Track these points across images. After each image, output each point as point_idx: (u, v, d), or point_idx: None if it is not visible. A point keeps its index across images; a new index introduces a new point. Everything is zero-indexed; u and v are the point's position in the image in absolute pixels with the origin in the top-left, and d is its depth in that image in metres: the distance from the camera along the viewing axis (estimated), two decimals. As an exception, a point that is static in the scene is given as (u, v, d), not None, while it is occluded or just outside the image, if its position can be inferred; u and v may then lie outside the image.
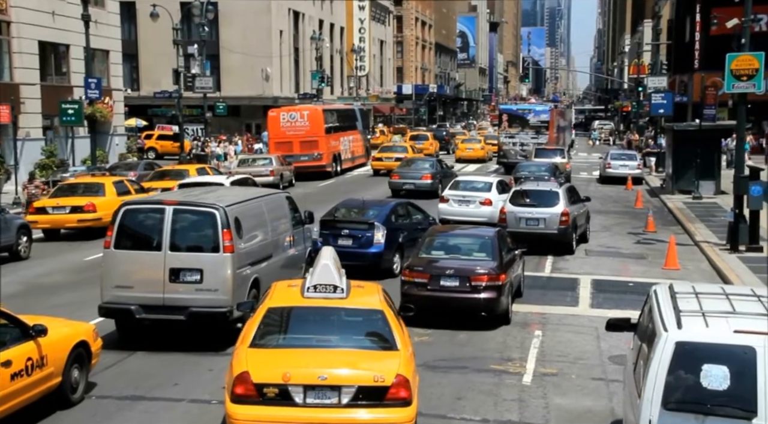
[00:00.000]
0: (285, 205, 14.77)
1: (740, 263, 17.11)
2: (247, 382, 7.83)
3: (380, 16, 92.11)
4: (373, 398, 7.86)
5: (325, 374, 7.89)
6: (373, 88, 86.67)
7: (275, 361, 8.08)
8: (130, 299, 11.78)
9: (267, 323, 8.59)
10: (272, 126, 39.10)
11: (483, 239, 14.26)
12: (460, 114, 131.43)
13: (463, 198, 22.48)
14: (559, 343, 12.56)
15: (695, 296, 7.34)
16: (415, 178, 30.05)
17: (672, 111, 42.04)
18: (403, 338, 8.62)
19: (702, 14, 51.66)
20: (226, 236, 11.73)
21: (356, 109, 48.23)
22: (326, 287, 8.73)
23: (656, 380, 6.40)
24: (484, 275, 13.12)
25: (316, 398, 7.85)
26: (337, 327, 8.69)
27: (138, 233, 12.14)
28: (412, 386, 8.07)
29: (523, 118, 43.29)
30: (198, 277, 11.66)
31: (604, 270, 17.76)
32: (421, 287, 13.26)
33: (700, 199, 27.59)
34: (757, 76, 18.38)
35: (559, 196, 19.66)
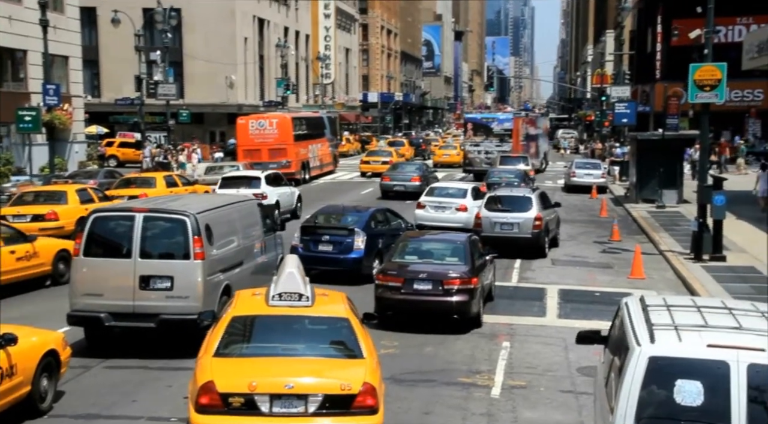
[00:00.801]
0: (256, 212, 14.82)
1: (704, 273, 17.18)
2: (212, 392, 7.74)
3: (346, 24, 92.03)
4: (340, 407, 7.84)
5: (292, 382, 7.84)
6: (338, 96, 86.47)
7: (240, 370, 8.00)
8: (99, 306, 11.72)
9: (231, 332, 8.51)
10: (241, 133, 39.15)
11: (455, 244, 14.54)
12: (425, 122, 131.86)
13: (440, 204, 23.05)
14: (528, 354, 12.44)
15: (667, 309, 7.23)
16: (405, 180, 32.15)
17: (635, 120, 42.52)
18: (369, 346, 8.63)
19: (663, 25, 52.51)
20: (197, 242, 11.75)
21: (324, 117, 48.51)
22: (291, 295, 8.69)
23: (629, 395, 6.25)
24: (457, 278, 13.36)
25: (282, 407, 7.79)
26: (302, 336, 8.65)
27: (108, 240, 12.11)
28: (379, 394, 8.07)
29: (488, 127, 44.04)
30: (168, 284, 11.65)
31: (570, 279, 17.72)
32: (394, 291, 13.47)
33: (664, 208, 27.79)
34: (720, 86, 18.53)
35: (532, 202, 20.25)
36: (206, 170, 34.37)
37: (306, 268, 16.43)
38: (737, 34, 47.15)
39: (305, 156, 40.33)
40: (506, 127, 43.20)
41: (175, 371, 11.26)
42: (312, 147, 41.88)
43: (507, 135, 42.72)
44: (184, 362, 11.06)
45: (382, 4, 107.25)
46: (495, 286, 15.89)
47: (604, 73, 64.69)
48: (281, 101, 62.36)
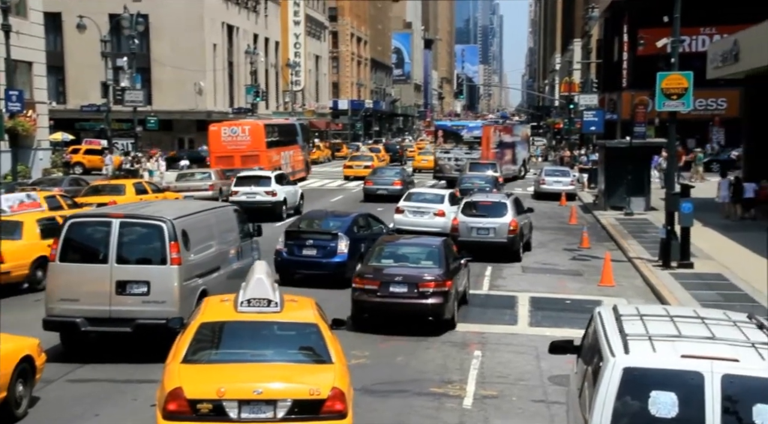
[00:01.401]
0: (233, 217, 14.93)
1: (673, 280, 17.29)
2: (180, 398, 7.69)
3: (315, 31, 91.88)
4: (309, 412, 7.84)
5: (260, 388, 7.84)
6: (308, 103, 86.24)
7: (209, 376, 7.97)
8: (75, 311, 11.73)
9: (200, 339, 8.49)
10: (213, 140, 39.29)
11: (430, 247, 14.83)
12: (396, 129, 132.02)
13: (418, 209, 23.55)
14: (499, 363, 12.38)
15: (640, 318, 7.20)
16: (388, 183, 33.69)
17: (603, 128, 42.92)
18: (338, 351, 8.65)
19: (629, 35, 53.17)
20: (174, 248, 11.81)
21: (297, 124, 48.75)
22: (260, 301, 8.68)
23: (604, 406, 6.19)
24: (431, 281, 13.66)
25: (251, 413, 7.77)
26: (271, 341, 8.63)
27: (84, 245, 12.13)
28: (348, 399, 8.10)
29: (457, 135, 44.32)
30: (145, 289, 11.71)
31: (541, 287, 17.73)
32: (371, 294, 13.74)
33: (632, 215, 28.01)
34: (686, 94, 18.72)
35: (507, 207, 20.77)
36: (177, 177, 34.29)
37: (290, 272, 16.87)
38: (701, 44, 47.90)
39: (278, 163, 40.43)
40: (475, 135, 43.57)
41: (139, 383, 11.04)
42: (284, 154, 42.14)
43: (476, 142, 43.08)
44: (150, 374, 10.86)
45: (351, 11, 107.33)
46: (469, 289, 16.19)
47: (572, 82, 65.34)
48: (251, 108, 62.02)
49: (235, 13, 65.28)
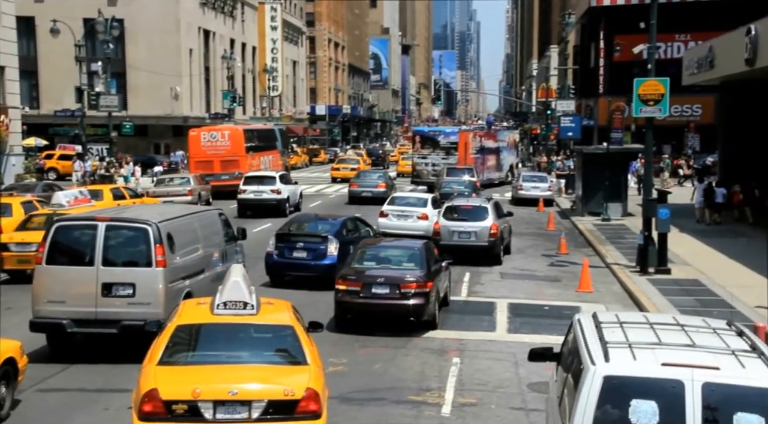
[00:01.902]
0: (218, 221, 15.21)
1: (650, 286, 17.32)
2: (155, 399, 7.78)
3: (293, 36, 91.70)
4: (284, 412, 7.94)
5: (235, 389, 7.94)
6: (286, 109, 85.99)
7: (184, 378, 8.06)
8: (62, 313, 11.92)
9: (176, 341, 8.60)
10: (193, 145, 39.60)
11: (411, 250, 15.10)
12: (373, 135, 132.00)
13: (402, 213, 23.95)
14: (478, 370, 12.29)
15: (620, 326, 7.13)
16: (372, 186, 35.01)
17: (580, 134, 43.12)
18: (313, 353, 8.76)
19: (605, 41, 53.53)
20: (159, 250, 12.02)
21: (276, 129, 49.37)
22: (236, 303, 8.80)
23: (584, 415, 6.12)
24: (413, 282, 13.93)
25: (226, 414, 7.87)
26: (247, 343, 8.74)
27: (70, 248, 12.31)
28: (322, 400, 8.22)
29: (435, 140, 44.87)
30: (131, 291, 11.92)
31: (519, 293, 17.69)
32: (354, 295, 14.02)
33: (609, 221, 28.07)
34: (663, 100, 18.80)
35: (488, 211, 21.10)
36: (156, 183, 34.54)
37: (280, 274, 17.54)
38: (676, 51, 48.33)
39: (257, 168, 40.74)
40: (452, 141, 44.03)
41: (111, 393, 10.85)
42: (264, 159, 42.51)
43: (453, 148, 43.47)
44: (123, 384, 10.69)
45: (329, 17, 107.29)
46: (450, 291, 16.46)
47: (549, 88, 65.69)
48: (228, 113, 61.71)
49: (212, 17, 64.97)
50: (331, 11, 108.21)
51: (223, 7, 67.15)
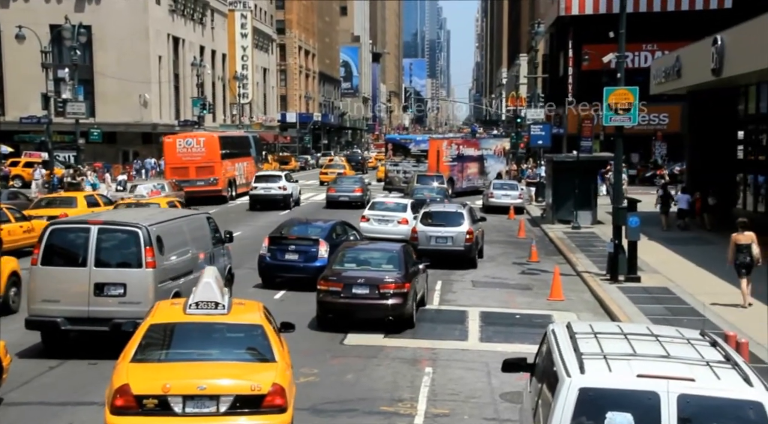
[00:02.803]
0: (206, 224, 15.99)
1: (621, 294, 17.38)
2: (127, 394, 8.10)
3: (263, 43, 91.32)
4: (250, 406, 8.30)
5: (204, 384, 8.26)
6: (256, 116, 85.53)
7: (155, 374, 8.36)
8: (56, 311, 12.52)
9: (148, 339, 8.93)
10: (168, 152, 40.24)
11: (390, 252, 15.75)
12: (344, 142, 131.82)
13: (383, 218, 24.71)
14: (450, 380, 12.21)
15: (594, 337, 7.10)
16: (349, 191, 36.34)
17: (550, 142, 43.40)
18: (281, 351, 9.10)
19: (574, 50, 54.05)
20: (149, 252, 12.62)
21: (250, 136, 49.86)
22: (208, 303, 9.16)
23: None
24: (391, 283, 14.57)
25: (194, 408, 8.20)
26: (217, 341, 9.08)
27: (64, 250, 12.89)
28: (288, 395, 8.57)
29: (406, 148, 45.44)
30: (122, 291, 12.50)
31: (491, 301, 17.65)
32: (335, 295, 14.64)
33: (579, 228, 28.19)
34: (633, 109, 18.93)
35: (464, 217, 21.77)
36: (131, 188, 34.71)
37: (273, 275, 18.36)
38: (643, 60, 48.98)
39: (232, 174, 41.50)
40: (422, 148, 44.58)
41: (75, 406, 10.65)
42: (238, 165, 43.06)
43: (423, 155, 44.03)
44: (87, 396, 10.54)
45: (299, 24, 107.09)
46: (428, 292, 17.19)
47: (519, 96, 66.06)
48: (197, 121, 61.19)
49: (181, 25, 64.47)
50: (301, 19, 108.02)
51: (192, 14, 66.67)
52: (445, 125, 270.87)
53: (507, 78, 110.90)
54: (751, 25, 20.59)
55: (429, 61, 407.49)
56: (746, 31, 21.06)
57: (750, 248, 15.57)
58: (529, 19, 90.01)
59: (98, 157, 52.12)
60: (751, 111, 27.09)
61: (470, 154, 46.00)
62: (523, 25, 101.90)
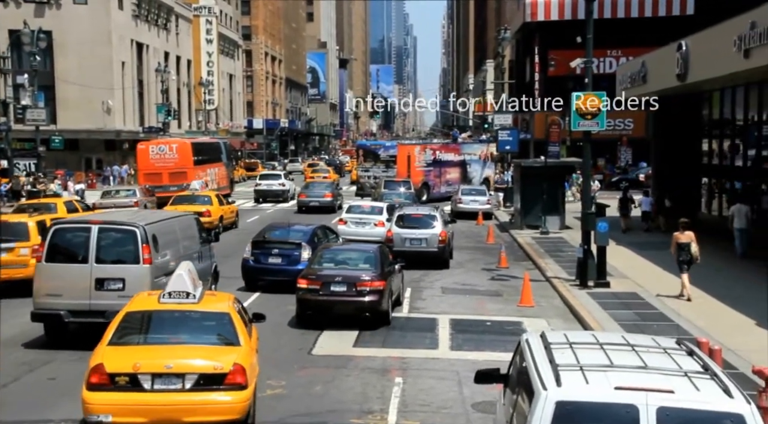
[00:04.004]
0: (194, 225, 17.07)
1: (590, 299, 17.29)
2: (101, 372, 9.04)
3: (228, 49, 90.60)
4: (213, 383, 9.23)
5: (171, 363, 9.19)
6: (222, 123, 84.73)
7: (128, 355, 9.29)
8: (59, 305, 13.46)
9: (125, 325, 9.88)
10: (141, 158, 41.08)
11: (367, 252, 16.46)
12: (312, 149, 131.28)
13: (360, 220, 25.43)
14: (421, 391, 11.98)
15: (569, 347, 6.92)
16: (319, 196, 37.11)
17: (518, 148, 43.47)
18: (246, 337, 10.08)
19: (540, 56, 54.32)
20: (146, 250, 13.62)
21: (221, 143, 50.75)
22: (180, 293, 10.13)
23: (536, 442, 5.85)
24: (368, 281, 15.21)
25: (162, 385, 9.11)
26: (187, 327, 10.03)
27: (67, 248, 13.87)
28: (249, 375, 9.48)
29: (376, 153, 46.38)
30: (121, 285, 13.39)
31: (461, 308, 17.47)
32: (314, 293, 15.27)
33: (548, 234, 28.13)
34: (600, 114, 18.90)
35: (437, 219, 22.68)
36: (102, 194, 35.08)
37: (256, 278, 18.98)
38: (608, 66, 49.31)
39: (204, 179, 42.16)
40: (392, 154, 45.04)
41: None
42: (210, 171, 44.09)
43: (393, 161, 44.43)
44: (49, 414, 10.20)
45: (265, 30, 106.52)
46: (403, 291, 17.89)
47: (486, 102, 66.20)
48: (162, 127, 60.38)
49: (145, 30, 63.60)
50: (267, 25, 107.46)
51: (156, 19, 65.82)
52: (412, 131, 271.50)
53: (474, 84, 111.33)
54: (716, 31, 20.74)
55: (396, 67, 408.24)
56: (710, 37, 21.21)
57: (690, 247, 16.82)
58: (495, 25, 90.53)
59: (60, 164, 51.13)
60: (715, 116, 27.35)
61: (449, 160, 45.69)
62: (489, 31, 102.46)
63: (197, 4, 78.85)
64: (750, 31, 17.91)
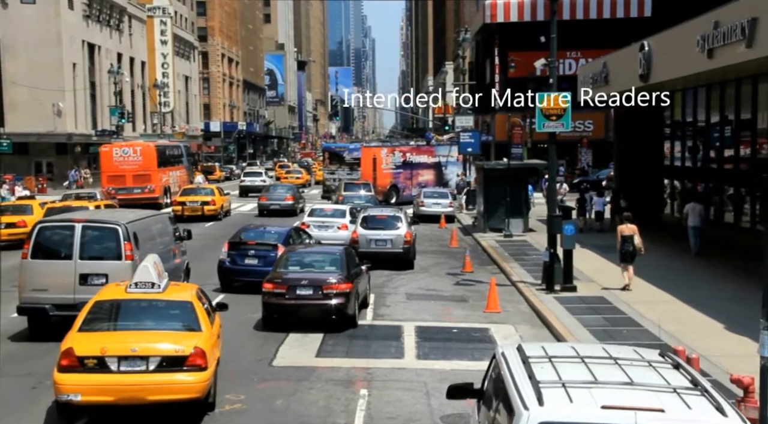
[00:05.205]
0: (168, 223, 17.96)
1: (558, 304, 16.95)
2: (71, 355, 9.84)
3: (184, 51, 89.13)
4: (175, 365, 9.99)
5: (136, 347, 9.97)
6: (179, 125, 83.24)
7: (96, 339, 10.07)
8: (44, 299, 14.16)
9: (93, 313, 10.69)
10: (105, 160, 41.55)
11: (333, 255, 16.50)
12: (270, 152, 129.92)
13: (323, 224, 25.16)
14: (388, 403, 11.49)
15: (549, 361, 6.48)
16: (280, 199, 37.05)
17: (479, 149, 43.24)
18: (207, 323, 10.87)
19: (500, 58, 54.31)
20: (127, 246, 14.36)
21: (182, 146, 51.47)
22: (145, 284, 10.95)
23: (517, 467, 5.40)
24: (334, 284, 15.19)
25: (128, 366, 9.91)
26: (152, 315, 10.83)
27: (52, 245, 14.55)
28: (209, 357, 10.26)
29: (341, 156, 47.06)
30: (104, 280, 13.82)
31: (426, 315, 17.01)
32: (279, 297, 15.18)
33: (511, 237, 27.79)
34: (566, 115, 18.62)
35: (402, 220, 22.84)
36: (63, 197, 34.54)
37: (232, 279, 19.22)
38: (568, 68, 49.45)
39: (167, 182, 42.85)
40: (356, 156, 45.32)
41: None
42: (172, 174, 44.51)
43: (356, 164, 44.76)
44: None
45: (222, 31, 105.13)
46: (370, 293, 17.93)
47: (446, 104, 65.99)
48: (116, 130, 58.98)
49: (97, 31, 62.06)
50: (223, 26, 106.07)
51: (108, 20, 64.28)
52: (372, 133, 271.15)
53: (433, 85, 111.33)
54: (679, 31, 20.63)
55: (355, 69, 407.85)
56: (673, 37, 21.11)
57: (632, 239, 17.81)
58: (454, 27, 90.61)
59: (8, 169, 49.54)
60: (677, 117, 27.35)
61: (422, 162, 44.98)
62: (448, 33, 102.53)
63: (151, 4, 77.33)
64: (714, 30, 17.79)
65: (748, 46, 16.37)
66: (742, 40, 16.51)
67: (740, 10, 16.84)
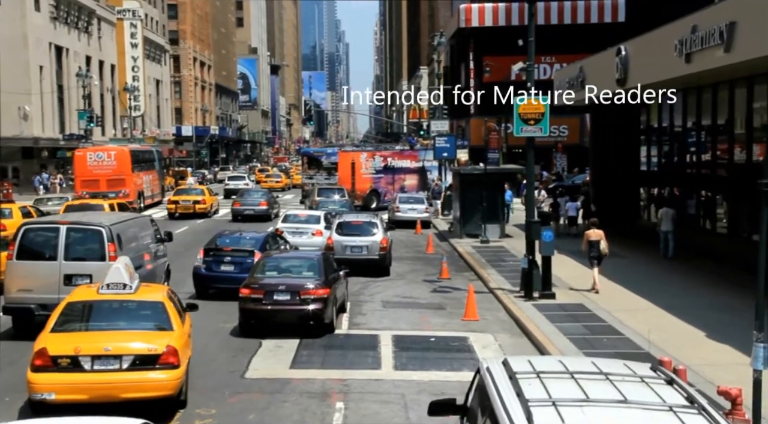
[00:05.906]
0: (149, 225, 18.30)
1: (536, 311, 16.66)
2: (44, 355, 10.00)
3: (155, 54, 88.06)
4: (148, 363, 10.22)
5: (110, 346, 10.20)
6: (149, 129, 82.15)
7: (69, 340, 10.27)
8: (30, 299, 14.47)
9: (66, 314, 10.90)
10: (79, 165, 41.63)
11: (311, 260, 16.34)
12: (243, 156, 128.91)
13: (297, 230, 24.85)
14: (365, 417, 11.11)
15: (537, 377, 6.13)
16: (254, 204, 37.09)
17: (455, 154, 43.00)
18: (179, 323, 11.13)
19: (475, 62, 54.21)
20: (111, 247, 14.72)
21: (155, 150, 51.45)
22: (117, 285, 11.18)
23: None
24: (311, 289, 15.11)
25: (101, 365, 10.11)
26: (124, 315, 11.09)
27: (37, 246, 14.90)
28: (181, 356, 10.49)
29: (319, 161, 47.06)
30: (88, 281, 13.96)
31: (403, 324, 16.63)
32: (257, 302, 15.04)
33: (488, 243, 27.45)
34: (544, 120, 18.38)
35: (378, 227, 22.66)
36: (35, 202, 34.39)
37: (207, 286, 19.02)
38: (542, 73, 49.44)
39: (141, 186, 43.23)
40: (333, 161, 45.28)
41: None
42: (146, 178, 44.85)
43: (333, 168, 44.71)
44: None
45: (193, 35, 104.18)
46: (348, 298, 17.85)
47: (421, 108, 65.75)
48: (84, 134, 57.92)
49: (65, 33, 60.94)
50: (195, 29, 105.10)
51: (77, 22, 63.18)
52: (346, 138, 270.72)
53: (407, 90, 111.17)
54: (656, 35, 20.52)
55: (328, 73, 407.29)
56: (651, 41, 21.00)
57: (599, 244, 18.24)
58: (429, 32, 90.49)
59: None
60: (653, 122, 27.28)
61: (405, 166, 44.54)
62: (422, 38, 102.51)
63: (121, 7, 76.27)
64: (691, 34, 17.66)
65: (726, 51, 16.25)
66: (720, 44, 16.39)
67: (718, 14, 16.72)
